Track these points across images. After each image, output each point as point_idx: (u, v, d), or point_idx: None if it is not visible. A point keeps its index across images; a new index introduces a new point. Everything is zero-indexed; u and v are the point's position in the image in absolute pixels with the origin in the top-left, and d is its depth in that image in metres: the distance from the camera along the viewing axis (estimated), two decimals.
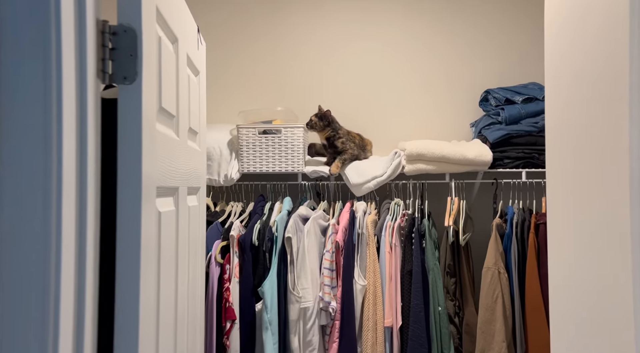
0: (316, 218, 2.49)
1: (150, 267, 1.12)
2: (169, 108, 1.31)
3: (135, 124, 1.03)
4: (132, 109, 1.03)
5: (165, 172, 1.25)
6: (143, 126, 1.04)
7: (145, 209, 1.06)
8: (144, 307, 1.06)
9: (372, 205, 2.68)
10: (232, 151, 2.64)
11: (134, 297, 1.03)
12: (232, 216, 2.60)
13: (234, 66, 3.06)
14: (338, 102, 3.05)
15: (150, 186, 1.11)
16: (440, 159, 2.59)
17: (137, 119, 1.03)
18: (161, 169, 1.21)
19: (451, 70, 3.04)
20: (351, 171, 2.60)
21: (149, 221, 1.10)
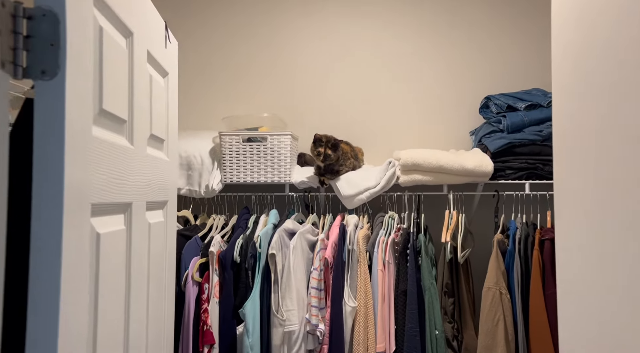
0: (303, 232, 2.29)
1: (79, 297, 0.92)
2: (117, 111, 1.12)
3: (55, 127, 0.83)
4: (52, 109, 0.83)
5: (107, 186, 1.05)
6: (67, 130, 0.85)
7: (71, 231, 0.86)
8: (65, 345, 0.86)
9: (364, 218, 2.48)
10: (215, 160, 2.44)
11: (50, 336, 0.83)
12: (214, 230, 2.40)
13: (219, 70, 2.88)
14: (328, 109, 2.86)
15: (81, 203, 0.91)
16: (438, 170, 2.39)
17: (59, 121, 0.83)
18: (101, 183, 1.01)
19: (449, 75, 2.85)
20: (342, 182, 2.40)
21: (77, 244, 0.90)
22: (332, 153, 2.35)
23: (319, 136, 2.36)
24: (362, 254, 2.24)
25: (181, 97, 2.96)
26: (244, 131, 2.41)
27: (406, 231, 2.37)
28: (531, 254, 2.20)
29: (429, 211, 2.49)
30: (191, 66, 2.86)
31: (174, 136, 1.68)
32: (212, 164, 2.43)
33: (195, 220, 2.47)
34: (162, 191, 1.53)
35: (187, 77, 2.84)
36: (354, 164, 2.52)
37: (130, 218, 1.22)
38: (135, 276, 1.26)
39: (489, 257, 2.41)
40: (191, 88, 2.85)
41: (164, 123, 1.57)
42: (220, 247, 2.28)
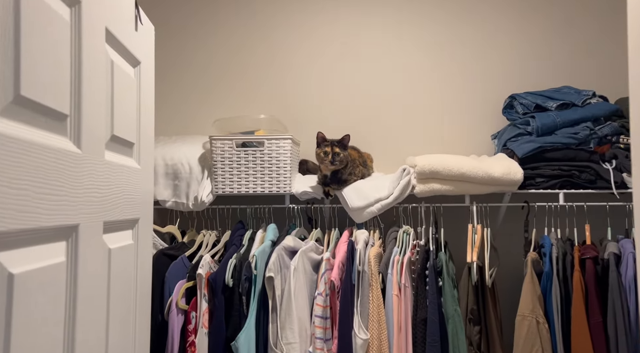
0: (306, 250, 1.97)
1: None
2: (49, 101, 0.80)
3: None
4: None
5: (30, 204, 0.74)
6: None
7: None
8: None
9: (375, 234, 2.15)
10: (205, 169, 2.13)
11: None
12: (203, 248, 2.08)
13: (211, 69, 2.57)
14: (332, 112, 2.55)
15: None
16: (459, 178, 2.07)
17: None
18: (15, 201, 0.70)
19: (467, 73, 2.53)
20: (350, 193, 2.08)
21: None
22: (342, 152, 2.04)
23: (323, 135, 2.05)
24: (374, 276, 1.92)
25: (169, 98, 2.64)
26: (238, 135, 2.10)
27: (424, 248, 2.04)
28: (571, 276, 1.87)
29: (449, 225, 2.17)
30: (180, 64, 2.55)
31: (148, 139, 1.37)
32: (202, 173, 2.12)
33: (183, 237, 2.14)
34: (130, 206, 1.21)
35: (175, 76, 2.54)
36: (362, 172, 2.21)
37: (75, 245, 0.90)
38: (85, 318, 0.94)
39: (516, 277, 2.11)
40: (180, 88, 2.55)
41: (133, 123, 1.25)
42: (210, 268, 1.96)
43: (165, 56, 2.55)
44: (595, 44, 2.47)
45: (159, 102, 2.60)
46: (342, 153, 2.04)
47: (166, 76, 2.54)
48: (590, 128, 2.12)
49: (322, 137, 2.05)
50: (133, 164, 1.26)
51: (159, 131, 2.44)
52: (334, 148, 2.03)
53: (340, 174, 2.09)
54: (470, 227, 2.08)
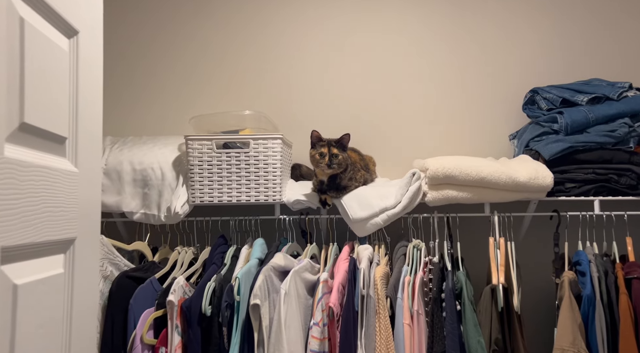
0: (299, 271, 1.63)
1: None
2: None
3: None
4: None
5: None
6: None
7: None
8: None
9: (381, 250, 1.82)
10: (180, 174, 1.79)
11: None
12: (178, 268, 1.73)
13: (191, 59, 2.23)
14: (330, 108, 2.22)
15: None
16: (478, 184, 1.75)
17: None
18: None
19: (480, 66, 2.21)
20: (351, 201, 1.75)
21: None
22: (341, 153, 1.71)
23: (318, 134, 1.72)
24: (381, 301, 1.58)
25: (140, 93, 2.21)
26: (219, 134, 1.77)
27: (438, 266, 1.71)
28: (616, 300, 1.55)
29: (465, 238, 1.84)
30: (153, 53, 2.21)
31: (91, 134, 1.03)
32: (177, 180, 1.78)
33: (154, 255, 1.80)
34: (59, 223, 0.87)
35: (147, 68, 2.21)
36: (365, 178, 1.88)
37: None
38: None
39: (542, 300, 1.80)
40: (153, 82, 2.21)
41: (64, 111, 0.92)
42: (185, 293, 1.61)
43: (136, 44, 2.21)
44: (623, 31, 2.16)
45: (128, 98, 2.32)
46: (341, 154, 1.72)
47: (137, 68, 2.21)
48: (629, 125, 1.80)
49: (318, 136, 1.72)
50: (65, 165, 0.92)
51: (128, 131, 2.12)
52: (332, 148, 1.70)
53: (339, 180, 1.76)
54: (492, 241, 1.75)
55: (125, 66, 2.21)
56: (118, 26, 2.21)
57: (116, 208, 1.75)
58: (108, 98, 2.26)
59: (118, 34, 2.21)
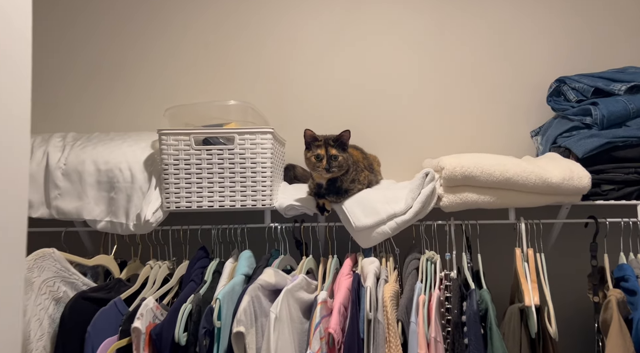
0: (293, 289, 1.36)
1: None
2: None
3: None
4: None
5: None
6: None
7: None
8: None
9: (389, 263, 1.55)
10: (153, 175, 1.52)
11: None
12: (149, 286, 1.45)
13: (168, 43, 1.96)
14: (326, 103, 1.96)
15: None
16: (503, 185, 1.48)
17: None
18: None
19: (496, 53, 1.94)
20: (354, 207, 1.48)
21: None
22: (341, 154, 1.44)
23: (312, 133, 1.45)
24: (391, 326, 1.30)
25: (109, 84, 1.91)
26: (199, 128, 1.50)
27: (457, 283, 1.44)
28: None
29: (484, 248, 1.57)
30: (124, 39, 1.94)
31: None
32: (149, 182, 1.50)
33: (122, 270, 1.52)
34: None
35: (118, 56, 1.94)
36: (369, 179, 1.61)
37: None
38: None
39: (574, 322, 1.55)
40: (124, 72, 1.93)
41: None
42: (155, 318, 1.33)
43: (104, 29, 1.94)
44: None
45: (96, 90, 1.90)
46: (341, 155, 1.44)
47: (106, 55, 1.93)
48: None
49: (312, 135, 1.45)
50: None
51: (97, 127, 1.85)
52: (330, 148, 1.43)
53: (339, 183, 1.49)
54: (519, 253, 1.49)
55: (91, 53, 1.93)
56: (83, 8, 1.94)
57: (76, 216, 1.47)
58: (72, 90, 2.04)
59: (82, 17, 1.93)
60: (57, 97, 1.93)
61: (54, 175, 1.48)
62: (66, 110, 1.92)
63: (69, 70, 1.93)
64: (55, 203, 1.47)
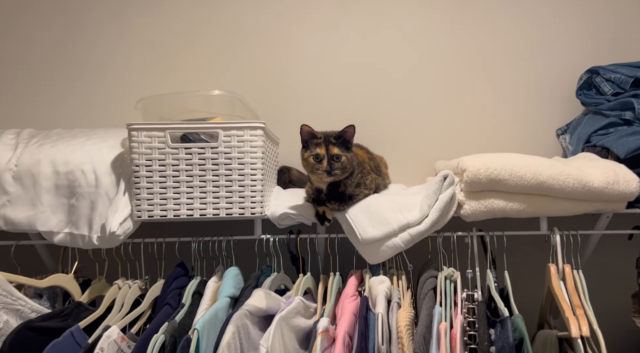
0: (288, 316, 1.12)
1: None
2: None
3: None
4: None
5: None
6: None
7: None
8: None
9: (401, 282, 1.31)
10: (122, 179, 1.28)
11: None
12: (115, 312, 1.21)
13: (148, 32, 1.72)
14: (325, 97, 1.73)
15: None
16: (535, 190, 1.25)
17: None
18: None
19: (514, 42, 1.72)
20: (359, 215, 1.25)
21: None
22: (344, 153, 1.21)
23: (310, 129, 1.22)
24: None
25: (75, 75, 1.68)
26: (178, 123, 1.26)
27: (483, 306, 1.21)
28: None
29: (510, 263, 1.34)
30: (94, 20, 1.70)
31: None
32: (117, 186, 1.26)
33: (84, 290, 1.27)
34: None
35: (85, 44, 1.70)
36: (377, 183, 1.38)
37: None
38: None
39: (614, 347, 1.31)
40: (92, 61, 1.69)
41: None
42: (120, 352, 1.09)
43: (71, 12, 1.70)
44: None
45: (60, 83, 1.63)
46: (345, 154, 1.21)
47: (71, 43, 1.69)
48: None
49: (310, 132, 1.22)
50: None
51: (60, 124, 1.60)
52: (331, 147, 1.20)
53: (343, 187, 1.25)
54: (553, 270, 1.26)
55: (54, 41, 1.69)
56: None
57: (29, 227, 1.23)
58: (32, 82, 1.76)
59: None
60: (13, 90, 1.68)
61: (3, 178, 1.23)
62: (24, 104, 1.67)
63: (26, 59, 1.69)
64: (3, 211, 1.23)
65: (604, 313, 1.35)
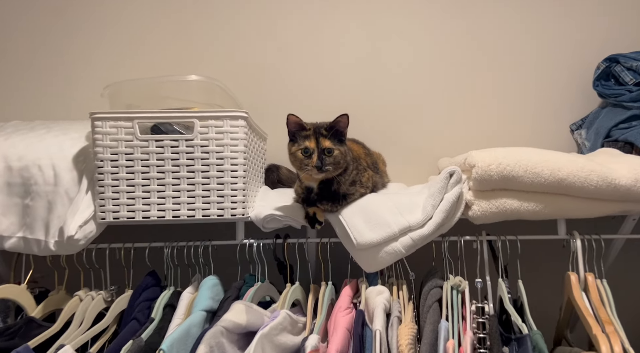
0: (271, 333, 0.96)
1: None
2: None
3: None
4: None
5: None
6: None
7: None
8: None
9: (402, 293, 1.15)
10: (84, 176, 1.12)
11: None
12: (74, 328, 1.05)
13: (114, 10, 1.59)
14: (317, 88, 1.59)
15: None
16: (554, 188, 1.10)
17: None
18: None
19: (521, 28, 1.59)
20: (355, 217, 1.10)
21: None
22: (336, 147, 1.06)
23: (297, 119, 1.07)
24: None
25: (30, 62, 1.52)
26: (147, 112, 1.11)
27: (495, 320, 1.06)
28: None
29: (522, 270, 1.19)
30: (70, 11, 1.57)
31: None
32: (78, 184, 1.11)
33: (40, 301, 1.11)
34: None
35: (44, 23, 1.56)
36: (374, 181, 1.23)
37: None
38: None
39: None
40: (54, 43, 1.55)
41: None
42: None
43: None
44: None
45: (15, 70, 1.51)
46: (337, 148, 1.06)
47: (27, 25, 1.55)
48: None
49: (297, 122, 1.07)
50: None
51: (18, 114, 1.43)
52: (321, 140, 1.05)
53: (336, 185, 1.11)
54: (574, 279, 1.11)
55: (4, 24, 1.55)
56: None
57: None
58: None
59: None
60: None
61: None
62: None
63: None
64: None
65: (629, 328, 1.20)
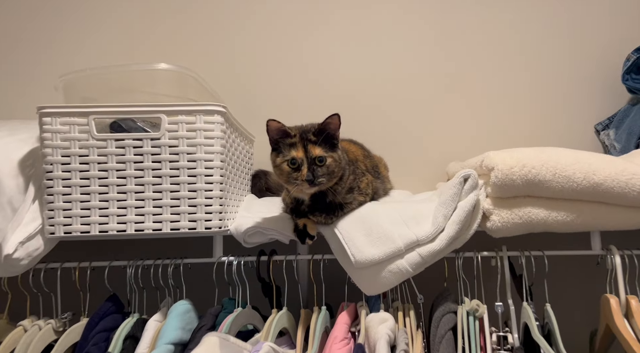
0: None
1: None
2: None
3: None
4: None
5: None
6: None
7: None
8: None
9: (409, 318, 0.97)
10: (32, 183, 0.95)
11: None
12: None
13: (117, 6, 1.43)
14: (309, 86, 1.43)
15: None
16: (587, 195, 0.93)
17: None
18: None
19: (540, 20, 1.43)
20: (352, 229, 0.92)
21: None
22: (329, 154, 0.89)
23: (279, 124, 0.89)
24: None
25: None
26: (105, 106, 0.93)
27: (520, 350, 0.88)
28: None
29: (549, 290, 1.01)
30: None
31: None
32: (24, 192, 0.94)
33: None
34: None
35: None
36: (375, 187, 1.06)
37: None
38: None
39: None
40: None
41: None
42: None
43: None
44: None
45: None
46: (330, 155, 0.89)
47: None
48: None
49: (280, 128, 0.89)
50: None
51: None
52: (311, 147, 0.88)
53: (331, 196, 0.93)
54: (614, 302, 0.93)
55: None
56: None
57: None
58: None
59: None
60: None
61: None
62: None
63: None
64: None
65: None
